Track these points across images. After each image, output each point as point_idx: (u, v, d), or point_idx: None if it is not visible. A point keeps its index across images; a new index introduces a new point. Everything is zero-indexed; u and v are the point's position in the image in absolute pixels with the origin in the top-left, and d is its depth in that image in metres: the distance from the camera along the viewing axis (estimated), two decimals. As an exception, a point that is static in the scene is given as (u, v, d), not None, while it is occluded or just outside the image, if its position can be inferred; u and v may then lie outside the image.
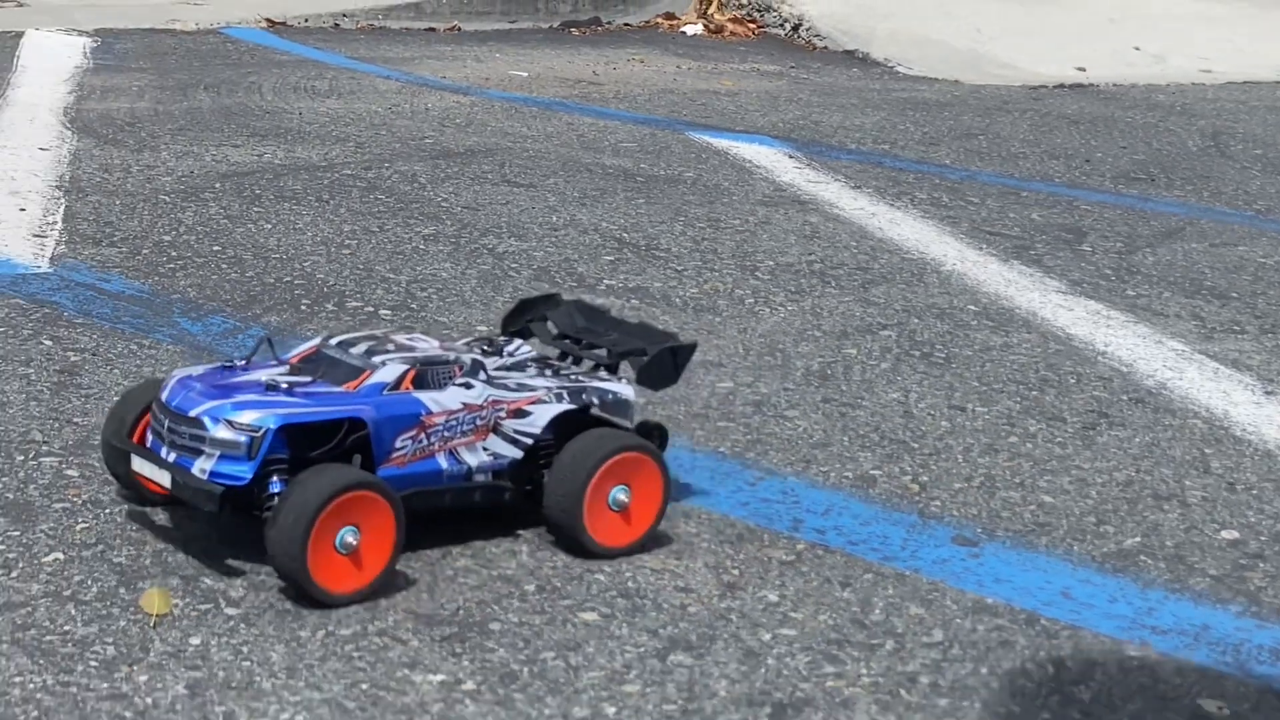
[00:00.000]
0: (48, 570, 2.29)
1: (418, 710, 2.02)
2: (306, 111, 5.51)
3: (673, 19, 7.98)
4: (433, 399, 2.34)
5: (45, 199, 4.22)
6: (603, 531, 2.40)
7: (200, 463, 2.23)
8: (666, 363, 2.60)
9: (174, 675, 2.05)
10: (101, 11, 6.76)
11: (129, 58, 6.16)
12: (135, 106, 5.37)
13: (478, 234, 4.17)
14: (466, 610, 2.27)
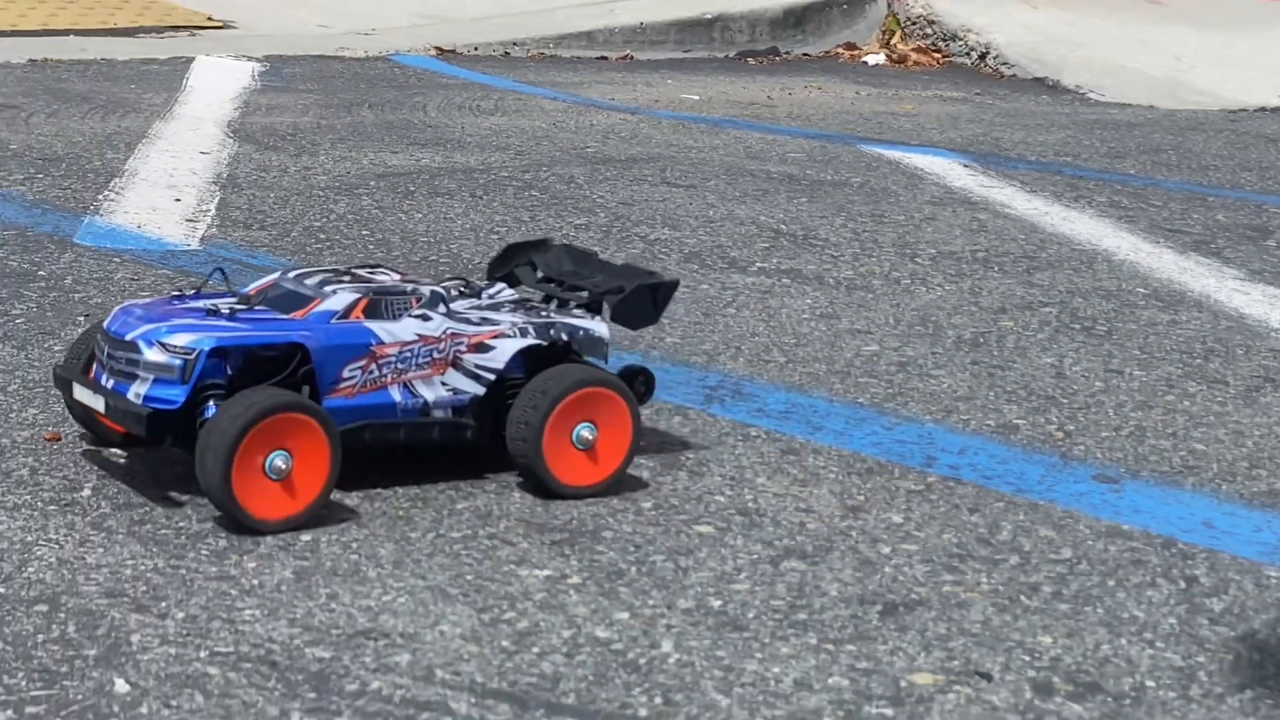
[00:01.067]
0: (168, 477, 2.43)
1: (520, 597, 2.10)
2: (469, 126, 5.71)
3: (854, 49, 8.08)
4: (384, 329, 2.33)
5: (200, 192, 4.44)
6: (566, 470, 2.37)
7: (135, 387, 2.26)
8: (645, 300, 2.56)
9: (282, 563, 2.17)
10: (273, 41, 7.08)
11: (296, 80, 6.44)
12: (298, 121, 5.61)
13: (630, 225, 4.28)
14: (580, 521, 2.36)
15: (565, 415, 2.37)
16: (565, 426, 2.37)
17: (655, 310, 2.59)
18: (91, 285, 3.48)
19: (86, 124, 5.39)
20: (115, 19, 7.10)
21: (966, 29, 7.96)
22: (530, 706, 1.84)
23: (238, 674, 1.88)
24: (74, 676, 1.85)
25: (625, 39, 7.58)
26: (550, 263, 2.65)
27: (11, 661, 1.87)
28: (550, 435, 2.35)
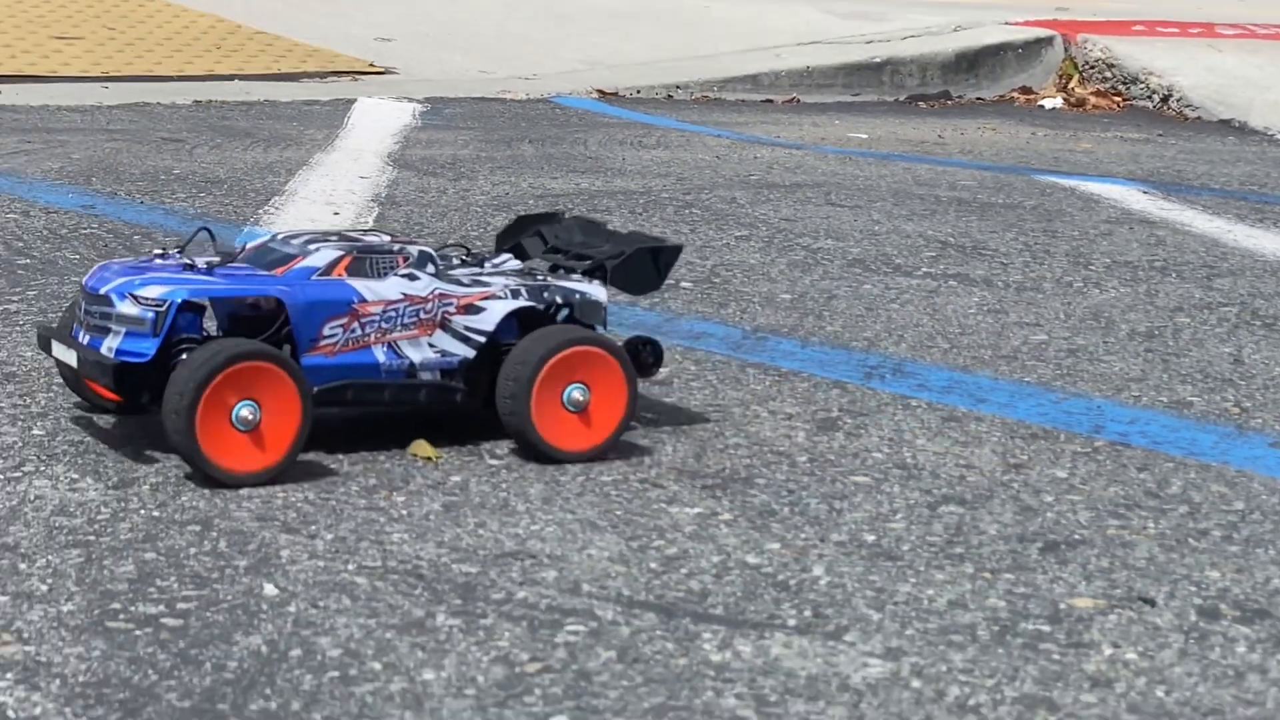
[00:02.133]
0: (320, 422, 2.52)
1: (669, 529, 2.15)
2: (630, 158, 5.82)
3: (1029, 93, 8.09)
4: (367, 287, 2.34)
5: (359, 208, 4.59)
6: (557, 433, 2.36)
7: (108, 341, 2.28)
8: (646, 264, 2.55)
9: (430, 498, 2.24)
10: (433, 85, 7.28)
11: (456, 120, 6.62)
12: (458, 153, 5.77)
13: (792, 236, 4.34)
14: (732, 470, 2.41)
15: (554, 375, 2.35)
16: (555, 387, 2.35)
17: (658, 275, 2.57)
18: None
19: (249, 154, 5.58)
20: (279, 65, 7.36)
21: (1148, 72, 7.93)
22: (677, 615, 1.88)
23: (385, 583, 1.95)
24: (224, 581, 1.93)
25: (791, 83, 7.66)
26: (559, 233, 2.64)
27: (164, 568, 1.96)
28: (539, 396, 2.33)
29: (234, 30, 7.95)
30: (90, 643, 1.76)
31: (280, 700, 1.65)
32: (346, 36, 8.22)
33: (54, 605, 1.85)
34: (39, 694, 1.64)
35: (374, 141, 5.98)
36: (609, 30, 8.64)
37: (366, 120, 6.52)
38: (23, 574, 1.93)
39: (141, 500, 2.18)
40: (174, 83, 6.93)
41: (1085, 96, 7.93)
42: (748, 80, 7.60)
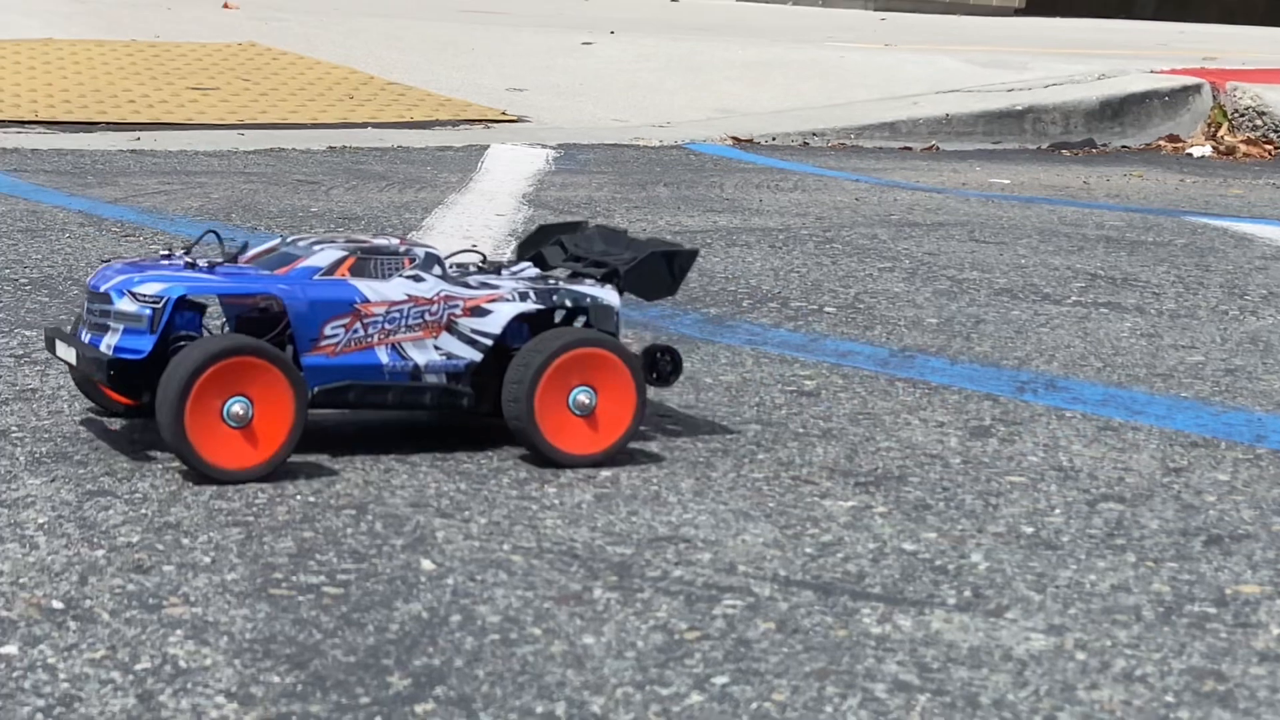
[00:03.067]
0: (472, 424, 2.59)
1: (823, 519, 2.19)
2: (767, 200, 5.88)
3: (1177, 141, 8.07)
4: (370, 287, 2.35)
5: (496, 241, 4.69)
6: (563, 437, 2.35)
7: (106, 338, 2.31)
8: (660, 269, 2.54)
9: (582, 490, 2.30)
10: (566, 132, 7.40)
11: (590, 165, 6.72)
12: (593, 194, 5.86)
13: (936, 268, 4.37)
14: (885, 469, 2.44)
15: (560, 377, 2.35)
16: (560, 390, 2.35)
17: (673, 280, 2.56)
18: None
19: (384, 195, 5.71)
20: (412, 114, 7.51)
21: (1302, 119, 7.88)
22: (834, 593, 1.92)
23: (540, 561, 2.00)
24: (381, 557, 2.00)
25: (930, 130, 7.70)
26: (580, 242, 2.64)
27: (323, 545, 2.03)
28: (544, 398, 2.33)
29: (366, 81, 8.13)
30: (255, 606, 1.83)
31: (443, 658, 1.70)
32: (478, 88, 8.38)
33: (218, 574, 1.92)
34: (208, 648, 1.71)
35: (508, 183, 6.09)
36: (741, 80, 8.73)
37: (500, 164, 6.64)
38: (186, 548, 2.00)
39: (297, 488, 2.26)
40: (308, 130, 7.10)
41: (1235, 144, 7.89)
42: (885, 128, 7.64)
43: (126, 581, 1.89)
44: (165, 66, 8.06)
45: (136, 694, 1.60)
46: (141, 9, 10.22)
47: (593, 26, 10.48)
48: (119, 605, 1.82)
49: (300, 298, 2.31)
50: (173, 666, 1.66)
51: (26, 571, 1.90)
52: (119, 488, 2.22)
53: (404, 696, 1.62)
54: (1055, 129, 7.96)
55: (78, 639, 1.72)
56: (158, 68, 8.01)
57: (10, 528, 2.05)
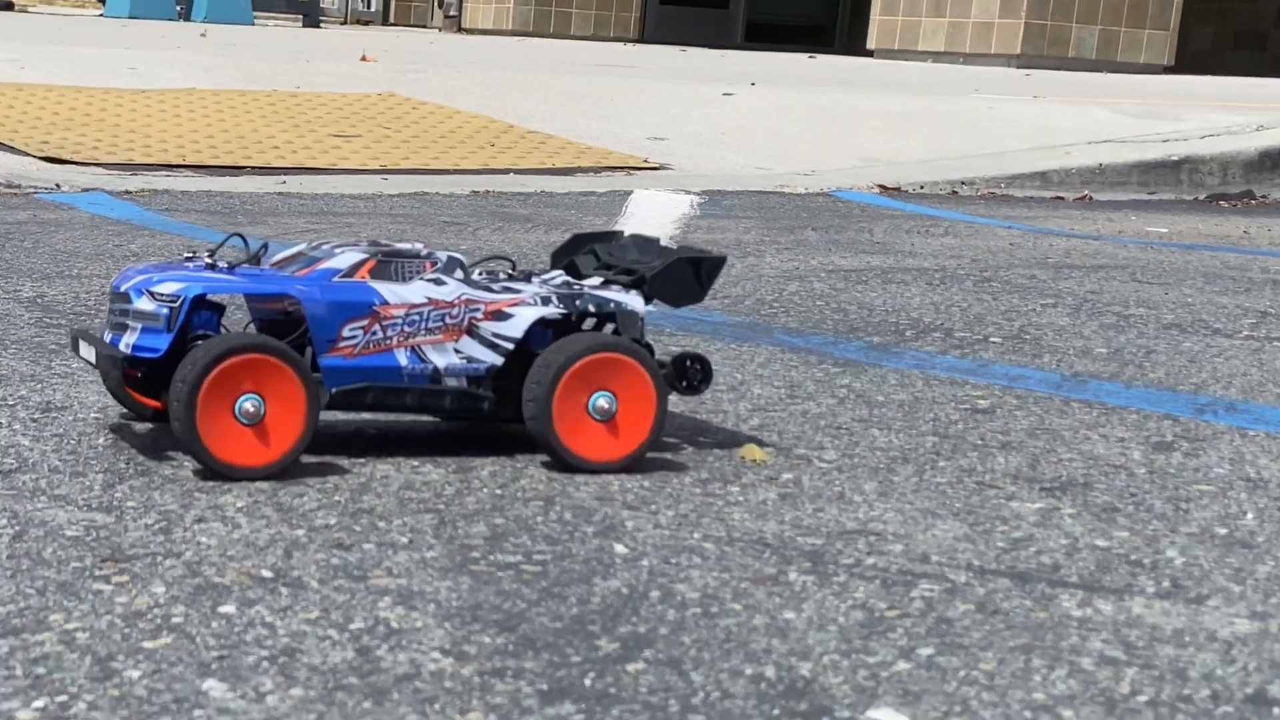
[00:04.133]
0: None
1: (1012, 518, 2.24)
2: (919, 244, 5.93)
3: (1340, 193, 8.02)
4: (390, 289, 2.39)
5: (650, 276, 4.78)
6: (583, 442, 2.37)
7: (125, 337, 2.35)
8: (686, 275, 2.56)
9: (765, 489, 2.37)
10: (709, 180, 7.50)
11: (736, 209, 6.82)
12: (741, 237, 5.95)
13: (1101, 305, 4.40)
14: (1070, 477, 2.49)
15: (578, 382, 2.37)
16: (579, 395, 2.38)
17: (700, 287, 2.59)
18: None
19: (531, 235, 5.83)
20: (553, 161, 7.65)
21: None
22: (1031, 581, 1.97)
23: (732, 548, 2.07)
24: (574, 541, 2.07)
25: (1082, 180, 7.72)
26: (613, 250, 2.68)
27: (515, 530, 2.11)
28: (562, 403, 2.36)
29: (506, 130, 8.29)
30: (457, 579, 1.91)
31: (648, 626, 1.77)
32: (618, 136, 8.51)
33: (417, 552, 2.00)
34: (417, 613, 1.79)
35: (654, 226, 6.18)
36: (885, 130, 8.80)
37: (644, 208, 6.73)
38: (382, 530, 2.09)
39: (482, 481, 2.34)
40: (450, 175, 7.25)
41: (1401, 196, 7.83)
42: (1036, 177, 7.67)
43: (330, 556, 1.97)
44: (307, 115, 8.27)
45: (355, 649, 1.68)
46: (280, 62, 10.48)
47: (730, 80, 10.60)
48: (325, 575, 1.90)
49: (317, 299, 2.36)
50: (385, 627, 1.74)
51: (233, 546, 2.00)
52: (309, 478, 2.31)
53: (614, 657, 1.68)
54: (1213, 179, 7.95)
55: (290, 602, 1.81)
56: (299, 116, 8.22)
57: (211, 509, 2.14)
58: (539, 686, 1.60)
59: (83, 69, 9.02)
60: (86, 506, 2.14)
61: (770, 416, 2.84)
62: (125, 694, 1.55)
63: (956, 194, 7.67)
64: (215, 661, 1.63)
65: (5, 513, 2.09)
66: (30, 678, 1.57)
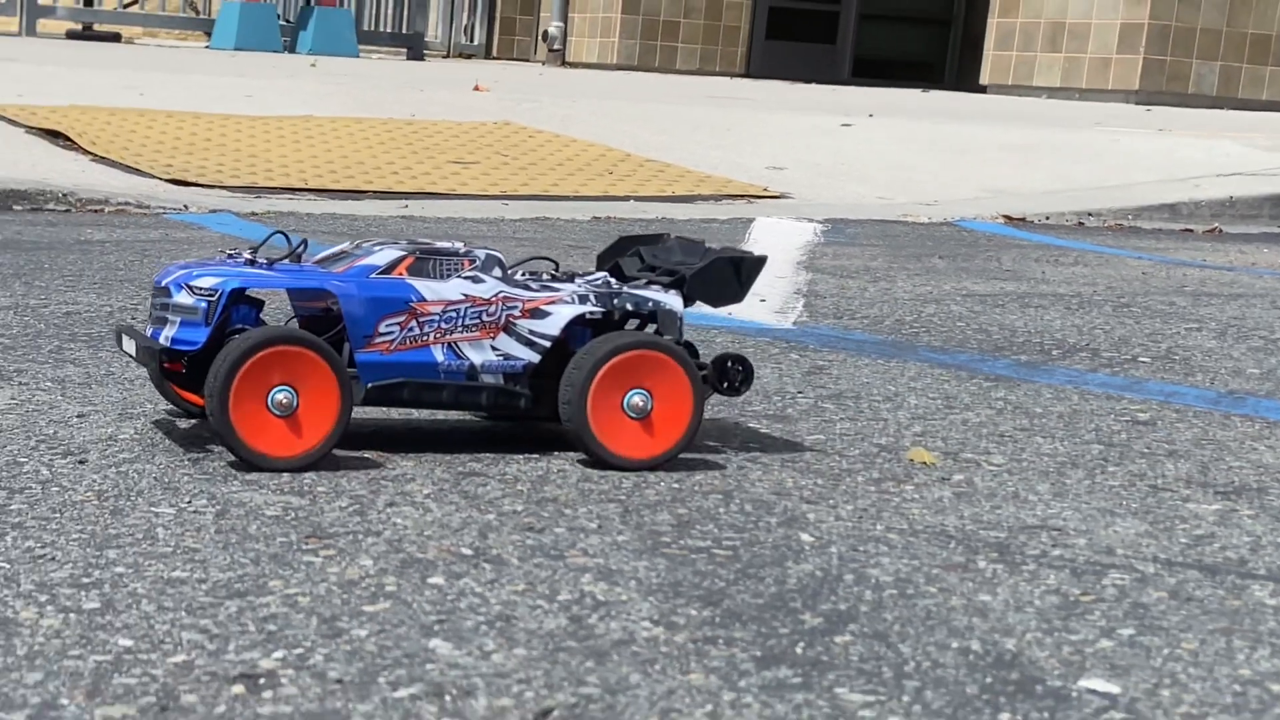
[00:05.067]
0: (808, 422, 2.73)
1: (1191, 518, 2.30)
2: (1050, 273, 5.98)
3: None
4: (427, 286, 2.44)
5: (784, 297, 4.85)
6: (619, 440, 2.41)
7: (165, 330, 2.41)
8: (727, 275, 2.58)
9: (939, 489, 2.43)
10: (830, 209, 7.57)
11: (860, 237, 6.88)
12: (869, 264, 6.01)
13: (1246, 330, 4.43)
14: (1243, 482, 2.54)
15: (613, 379, 2.41)
16: (615, 392, 2.41)
17: (740, 286, 2.61)
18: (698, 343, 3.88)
19: (656, 259, 5.91)
20: (673, 189, 7.74)
21: None
22: (1220, 573, 2.02)
23: (917, 539, 2.13)
24: (760, 530, 2.15)
25: (1212, 212, 7.73)
26: (658, 253, 2.70)
27: (700, 519, 2.18)
28: (597, 400, 2.40)
29: (624, 158, 8.39)
30: (653, 560, 1.98)
31: (848, 604, 1.84)
32: (737, 166, 8.59)
33: (608, 536, 2.08)
34: (620, 588, 1.86)
35: (780, 252, 6.26)
36: (1007, 162, 8.84)
37: (768, 236, 6.82)
38: (570, 516, 2.17)
39: (659, 476, 2.41)
40: (570, 201, 7.36)
41: None
42: (1165, 209, 7.69)
43: (524, 538, 2.05)
44: (424, 142, 8.41)
45: (566, 617, 1.76)
46: (391, 91, 10.65)
47: (843, 112, 10.67)
48: (524, 554, 1.98)
49: (354, 294, 2.41)
50: (592, 600, 1.82)
51: (428, 527, 2.08)
52: (488, 470, 2.40)
53: (820, 630, 1.75)
54: (1347, 213, 7.93)
55: (495, 576, 1.89)
56: (416, 143, 8.36)
57: (400, 495, 2.23)
58: (752, 653, 1.68)
59: (199, 96, 9.21)
60: (279, 490, 2.23)
61: (930, 424, 2.90)
62: (357, 649, 1.63)
63: (1083, 225, 7.70)
64: (435, 624, 1.72)
65: (204, 494, 2.19)
66: (263, 634, 1.66)
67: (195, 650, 1.61)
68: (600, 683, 1.58)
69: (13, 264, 4.59)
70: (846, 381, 3.35)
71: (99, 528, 2.01)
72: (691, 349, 2.59)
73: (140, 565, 1.87)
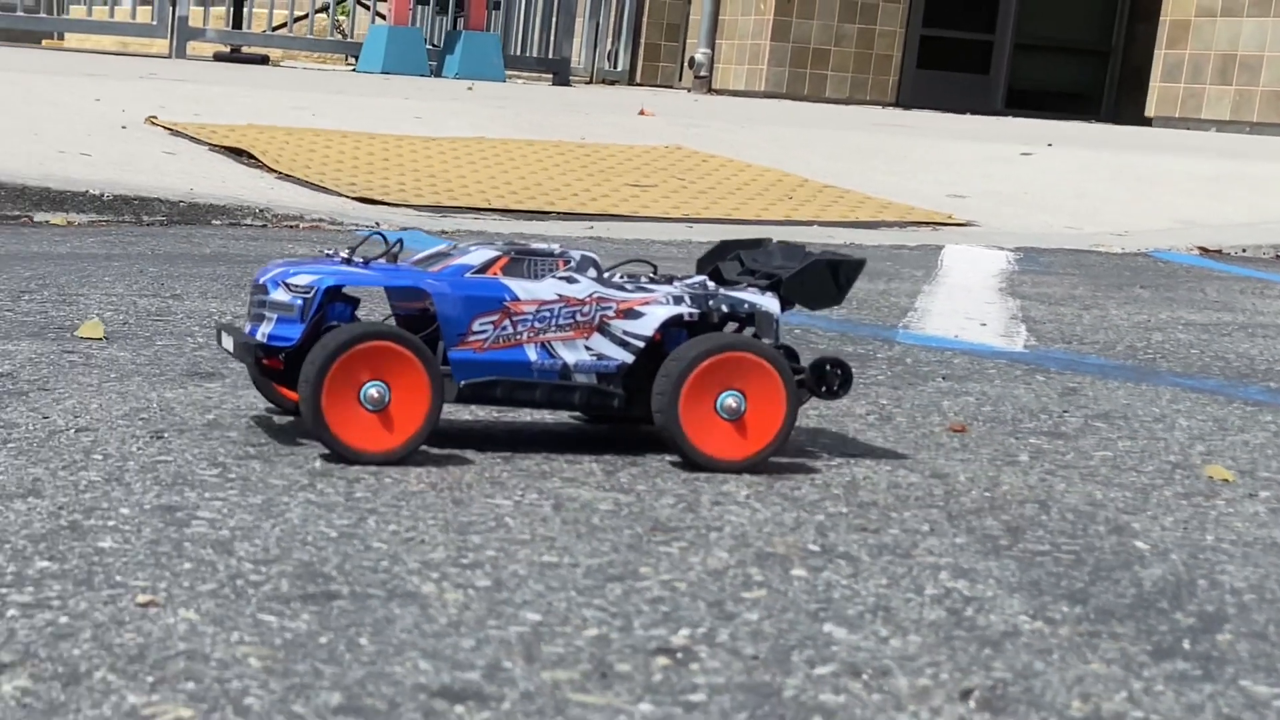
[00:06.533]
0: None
1: None
2: (1259, 305, 5.98)
3: None
4: (522, 286, 2.50)
5: (1003, 322, 4.90)
6: (710, 441, 2.44)
7: (262, 328, 2.49)
8: (824, 278, 2.60)
9: (1251, 504, 2.48)
10: (1017, 238, 7.61)
11: (1055, 266, 6.92)
12: (1071, 291, 6.04)
13: None
14: None
15: (706, 380, 2.46)
16: (707, 393, 2.46)
17: (838, 290, 2.64)
18: (938, 364, 3.94)
19: (858, 283, 5.97)
20: (855, 214, 7.81)
21: None
22: None
23: (1252, 549, 2.18)
24: (1092, 537, 2.20)
25: None
26: (758, 257, 2.74)
27: (1028, 526, 2.24)
28: (689, 401, 2.44)
29: (801, 184, 8.47)
30: (1000, 560, 2.04)
31: (1214, 606, 1.89)
32: (914, 193, 8.65)
33: (945, 538, 2.15)
34: (981, 585, 1.92)
35: (978, 279, 6.31)
36: (1199, 193, 8.83)
37: (960, 263, 6.86)
38: (897, 519, 2.24)
39: (965, 485, 2.47)
40: (754, 225, 7.44)
41: None
42: (1365, 244, 7.65)
43: (863, 537, 2.12)
44: (599, 165, 8.53)
45: (942, 609, 1.83)
46: (552, 114, 10.80)
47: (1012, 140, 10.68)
48: (872, 552, 2.06)
49: (448, 293, 2.47)
50: (960, 595, 1.89)
51: (764, 525, 2.16)
52: (795, 474, 2.46)
53: (1197, 629, 1.81)
54: None
55: (854, 570, 1.96)
56: (591, 165, 8.48)
57: (721, 495, 2.30)
58: (1142, 646, 1.74)
59: (368, 116, 9.39)
60: (599, 487, 2.32)
61: (1212, 445, 2.94)
62: (755, 630, 1.71)
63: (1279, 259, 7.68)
64: (820, 611, 1.79)
65: (531, 489, 2.28)
66: (659, 614, 1.75)
67: (603, 625, 1.70)
68: (1006, 667, 1.65)
69: (230, 274, 4.73)
70: (1106, 403, 3.40)
71: (449, 516, 2.10)
72: (791, 353, 2.63)
73: (507, 550, 1.96)
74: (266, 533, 1.98)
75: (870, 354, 4.12)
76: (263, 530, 1.99)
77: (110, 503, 2.07)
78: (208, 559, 1.86)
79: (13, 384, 2.83)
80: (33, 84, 9.07)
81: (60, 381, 2.87)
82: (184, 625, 1.62)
